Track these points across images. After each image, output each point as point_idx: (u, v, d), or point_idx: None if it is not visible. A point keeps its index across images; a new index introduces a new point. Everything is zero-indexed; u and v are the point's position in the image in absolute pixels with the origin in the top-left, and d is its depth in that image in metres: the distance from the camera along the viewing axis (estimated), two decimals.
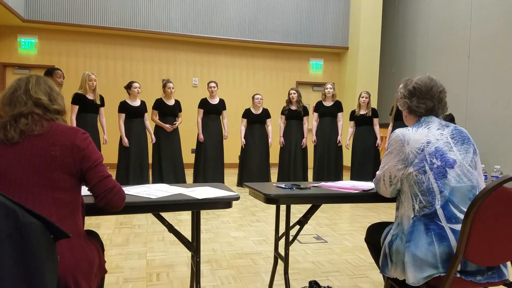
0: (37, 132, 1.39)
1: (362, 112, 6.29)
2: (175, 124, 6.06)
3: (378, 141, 6.24)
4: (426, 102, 1.76)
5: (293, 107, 6.55)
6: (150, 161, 5.99)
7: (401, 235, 1.66)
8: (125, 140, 5.71)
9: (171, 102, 6.13)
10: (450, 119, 5.47)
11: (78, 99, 5.35)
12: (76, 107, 5.33)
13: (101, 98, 5.58)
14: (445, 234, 1.55)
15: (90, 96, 5.41)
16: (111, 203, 1.51)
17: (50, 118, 1.46)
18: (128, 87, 5.84)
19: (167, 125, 5.97)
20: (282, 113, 6.63)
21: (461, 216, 1.55)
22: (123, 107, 5.79)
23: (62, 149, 1.39)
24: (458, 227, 1.54)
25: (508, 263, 1.66)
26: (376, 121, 6.28)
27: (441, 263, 1.54)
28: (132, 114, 5.79)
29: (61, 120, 1.51)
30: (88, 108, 5.41)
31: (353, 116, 6.41)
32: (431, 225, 1.57)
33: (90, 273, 1.44)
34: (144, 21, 8.20)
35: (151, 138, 5.95)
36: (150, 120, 6.08)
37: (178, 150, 6.14)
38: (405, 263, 1.58)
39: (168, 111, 6.08)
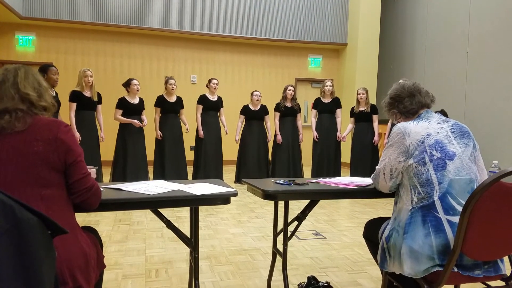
0: (18, 129, 1.36)
1: (361, 108, 6.29)
2: (188, 129, 6.14)
3: (376, 138, 6.22)
4: (409, 99, 1.83)
5: (288, 104, 6.54)
6: (149, 158, 5.99)
7: (398, 228, 1.67)
8: (136, 121, 5.66)
9: (172, 99, 6.13)
10: (443, 114, 5.46)
11: (75, 96, 5.30)
12: (74, 105, 5.28)
13: (99, 95, 5.51)
14: (441, 225, 1.57)
15: (87, 93, 5.37)
16: (89, 201, 1.50)
17: (35, 113, 1.43)
18: (127, 84, 5.74)
19: (159, 132, 6.01)
20: (278, 110, 6.59)
21: (459, 208, 1.57)
22: (122, 104, 5.71)
23: (45, 143, 1.37)
24: (455, 219, 1.56)
25: (505, 258, 1.67)
26: (375, 117, 6.27)
27: (437, 254, 1.55)
28: (130, 112, 5.74)
29: (46, 116, 1.47)
30: (85, 105, 5.35)
31: (352, 112, 6.41)
32: (428, 216, 1.59)
33: (87, 267, 1.43)
34: (143, 18, 8.18)
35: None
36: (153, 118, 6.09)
37: (181, 147, 6.16)
38: (401, 254, 1.60)
39: (170, 108, 6.08)
